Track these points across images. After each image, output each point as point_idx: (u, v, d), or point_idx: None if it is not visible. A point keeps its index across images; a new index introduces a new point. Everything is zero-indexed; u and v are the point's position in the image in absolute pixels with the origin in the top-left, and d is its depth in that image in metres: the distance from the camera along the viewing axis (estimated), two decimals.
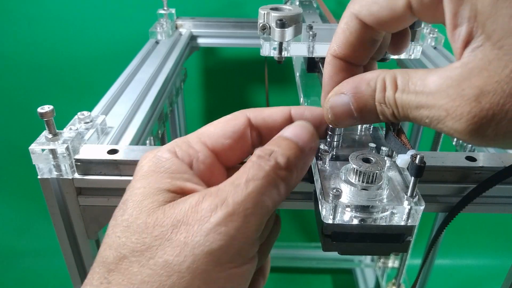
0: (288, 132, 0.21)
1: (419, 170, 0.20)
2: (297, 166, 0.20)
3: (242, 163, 0.22)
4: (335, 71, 0.23)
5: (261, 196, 0.18)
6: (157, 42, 0.67)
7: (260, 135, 0.24)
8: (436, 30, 0.70)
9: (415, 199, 0.22)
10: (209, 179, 0.22)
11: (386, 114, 0.20)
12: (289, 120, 0.24)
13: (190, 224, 0.17)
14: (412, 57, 0.39)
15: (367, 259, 1.10)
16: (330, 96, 0.22)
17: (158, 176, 0.20)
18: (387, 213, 0.22)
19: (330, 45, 0.23)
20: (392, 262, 0.98)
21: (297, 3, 0.69)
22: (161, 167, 0.20)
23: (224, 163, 0.23)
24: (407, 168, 0.22)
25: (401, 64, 0.78)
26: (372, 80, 0.20)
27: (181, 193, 0.20)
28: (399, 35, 0.25)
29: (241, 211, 0.18)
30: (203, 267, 0.17)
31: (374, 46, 0.23)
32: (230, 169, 0.23)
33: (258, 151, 0.20)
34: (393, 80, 0.19)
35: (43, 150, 0.33)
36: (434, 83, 0.17)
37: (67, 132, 0.35)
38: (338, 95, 0.21)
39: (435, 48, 0.69)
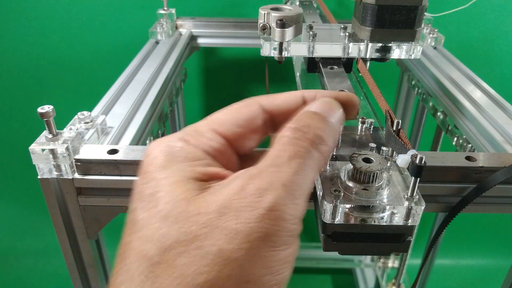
0: (315, 107, 0.21)
1: (419, 170, 0.20)
2: (331, 139, 0.20)
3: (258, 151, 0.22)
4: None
5: (306, 174, 0.18)
6: (157, 42, 0.67)
7: (273, 122, 0.23)
8: (436, 30, 0.70)
9: (415, 199, 0.22)
10: (224, 167, 0.21)
11: None
12: (302, 104, 0.23)
13: (240, 210, 0.17)
14: (413, 57, 0.39)
15: (367, 259, 1.10)
16: None
17: (179, 165, 0.19)
18: (387, 213, 0.22)
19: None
20: (392, 262, 0.98)
21: (297, 3, 0.69)
22: (178, 156, 0.20)
23: (236, 150, 0.23)
24: (407, 168, 0.22)
25: (401, 64, 0.78)
26: None
27: (208, 179, 0.19)
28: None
29: (290, 193, 0.17)
30: (261, 253, 0.16)
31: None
32: (243, 156, 0.23)
33: (291, 126, 0.20)
34: None
35: (43, 150, 0.33)
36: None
37: (67, 132, 0.35)
38: None
39: (435, 48, 0.69)
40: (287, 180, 0.17)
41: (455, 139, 0.52)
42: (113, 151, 0.34)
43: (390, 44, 0.38)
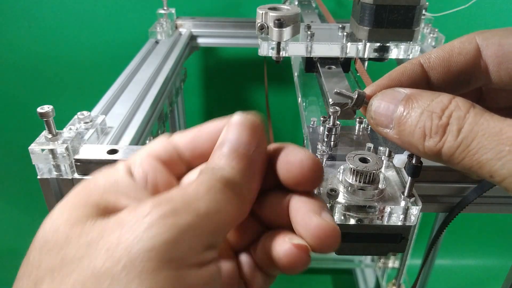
0: (223, 140, 0.18)
1: (416, 170, 0.20)
2: (245, 175, 0.17)
3: None
4: (409, 75, 0.20)
5: (214, 199, 0.16)
6: (157, 42, 0.67)
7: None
8: (436, 30, 0.70)
9: (412, 199, 0.22)
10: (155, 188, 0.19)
11: (429, 156, 0.17)
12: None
13: (125, 223, 0.15)
14: (411, 56, 0.39)
15: (367, 259, 1.10)
16: (380, 97, 0.19)
17: (86, 193, 0.17)
18: (384, 213, 0.22)
19: (425, 53, 0.21)
20: (392, 262, 0.98)
21: (296, 2, 0.69)
22: (92, 188, 0.18)
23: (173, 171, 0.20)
24: (404, 168, 0.22)
25: (400, 63, 0.78)
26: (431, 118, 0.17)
27: (114, 210, 0.16)
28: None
29: (192, 208, 0.15)
30: (147, 264, 0.14)
31: (468, 83, 0.20)
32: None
33: (200, 168, 0.18)
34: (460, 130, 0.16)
35: (42, 150, 0.33)
36: None
37: (66, 132, 0.35)
38: (387, 104, 0.18)
39: (435, 48, 0.68)
40: (190, 199, 0.16)
41: None
42: (112, 151, 0.34)
43: (388, 44, 0.38)
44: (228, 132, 0.18)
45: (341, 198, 0.22)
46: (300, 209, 0.18)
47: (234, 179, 0.17)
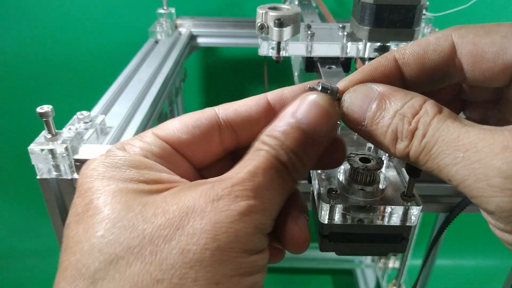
0: (294, 112, 0.18)
1: (416, 170, 0.20)
2: (309, 157, 0.18)
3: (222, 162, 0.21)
4: (383, 70, 0.20)
5: (278, 189, 0.17)
6: (156, 42, 0.67)
7: (235, 134, 0.21)
8: (436, 29, 0.70)
9: (412, 199, 0.22)
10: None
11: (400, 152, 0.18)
12: (268, 110, 0.21)
13: (207, 211, 0.15)
14: None
15: (368, 259, 1.10)
16: (352, 93, 0.19)
17: (121, 174, 0.17)
18: (385, 213, 0.22)
19: (400, 48, 0.20)
20: (393, 262, 0.98)
21: (296, 2, 0.69)
22: (120, 165, 0.17)
23: (189, 159, 0.21)
24: (405, 168, 0.22)
25: None
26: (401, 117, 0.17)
27: (157, 185, 0.17)
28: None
29: (261, 203, 0.17)
30: (229, 253, 0.15)
31: (442, 80, 0.20)
32: (203, 169, 0.21)
33: (266, 139, 0.18)
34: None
35: (42, 150, 0.33)
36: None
37: (66, 132, 0.35)
38: (359, 102, 0.18)
39: None
40: (259, 192, 0.17)
41: None
42: None
43: (388, 44, 0.38)
44: (301, 109, 0.18)
45: (341, 199, 0.22)
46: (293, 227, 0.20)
47: (294, 162, 0.18)
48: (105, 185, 0.17)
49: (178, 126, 0.20)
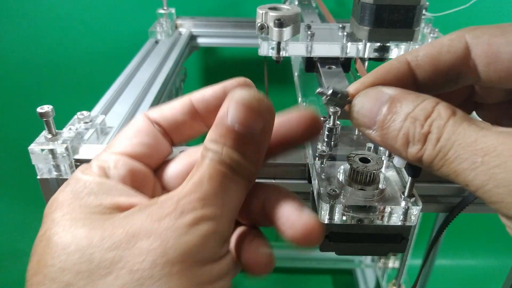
0: (230, 116, 0.18)
1: (416, 170, 0.20)
2: (249, 156, 0.18)
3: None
4: (395, 73, 0.19)
5: (229, 194, 0.17)
6: (156, 42, 0.67)
7: (169, 136, 0.21)
8: (436, 29, 0.70)
9: (412, 199, 0.22)
10: (132, 183, 0.20)
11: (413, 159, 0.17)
12: (193, 112, 0.21)
13: (153, 231, 0.16)
14: None
15: (368, 259, 1.10)
16: (363, 96, 0.19)
17: (80, 198, 0.18)
18: (385, 213, 0.22)
19: (412, 50, 0.20)
20: (393, 262, 0.98)
21: (296, 2, 0.69)
22: (80, 191, 0.18)
23: (151, 168, 0.21)
24: (404, 168, 0.22)
25: None
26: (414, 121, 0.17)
27: (116, 207, 0.17)
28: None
29: (208, 211, 0.16)
30: (182, 266, 0.15)
31: (456, 82, 0.20)
32: (157, 169, 0.22)
33: (208, 146, 0.18)
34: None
35: (42, 150, 0.33)
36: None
37: (66, 132, 0.35)
38: (370, 106, 0.18)
39: None
40: (207, 201, 0.16)
41: None
42: None
43: (388, 44, 0.38)
44: (230, 110, 0.18)
45: (341, 199, 0.22)
46: (285, 208, 0.19)
47: (238, 161, 0.18)
48: (60, 215, 0.17)
49: (128, 141, 0.20)
